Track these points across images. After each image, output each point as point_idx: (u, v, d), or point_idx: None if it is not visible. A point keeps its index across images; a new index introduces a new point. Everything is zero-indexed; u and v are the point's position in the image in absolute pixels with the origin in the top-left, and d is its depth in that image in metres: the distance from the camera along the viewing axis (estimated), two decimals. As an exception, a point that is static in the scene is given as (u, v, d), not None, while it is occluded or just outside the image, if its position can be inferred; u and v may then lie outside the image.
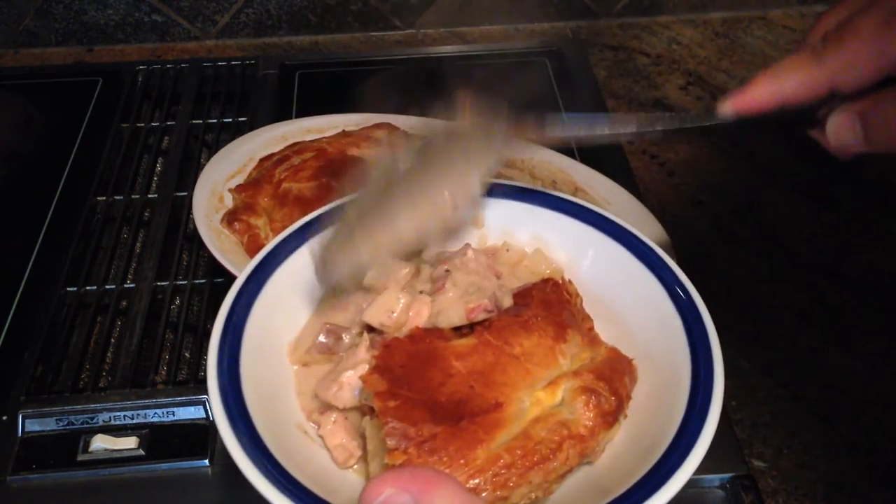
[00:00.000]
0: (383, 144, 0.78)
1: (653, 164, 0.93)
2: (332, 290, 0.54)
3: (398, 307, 0.51)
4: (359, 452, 0.48)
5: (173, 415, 0.65)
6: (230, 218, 0.68)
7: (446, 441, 0.43)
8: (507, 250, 0.58)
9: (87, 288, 0.75)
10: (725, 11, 1.17)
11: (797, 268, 0.81)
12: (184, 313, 0.73)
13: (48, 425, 0.64)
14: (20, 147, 0.92)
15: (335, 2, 1.12)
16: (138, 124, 0.94)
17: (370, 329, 0.52)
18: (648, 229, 0.70)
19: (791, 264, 0.81)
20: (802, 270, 0.80)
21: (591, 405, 0.46)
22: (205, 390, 0.65)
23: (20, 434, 0.64)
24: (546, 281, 0.54)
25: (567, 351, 0.50)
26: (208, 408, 0.65)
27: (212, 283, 0.75)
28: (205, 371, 0.68)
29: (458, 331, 0.50)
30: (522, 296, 0.52)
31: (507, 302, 0.52)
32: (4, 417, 0.65)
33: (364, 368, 0.48)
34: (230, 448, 0.42)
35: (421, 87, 0.98)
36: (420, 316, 0.50)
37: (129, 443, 0.63)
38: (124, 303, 0.74)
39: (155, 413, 0.65)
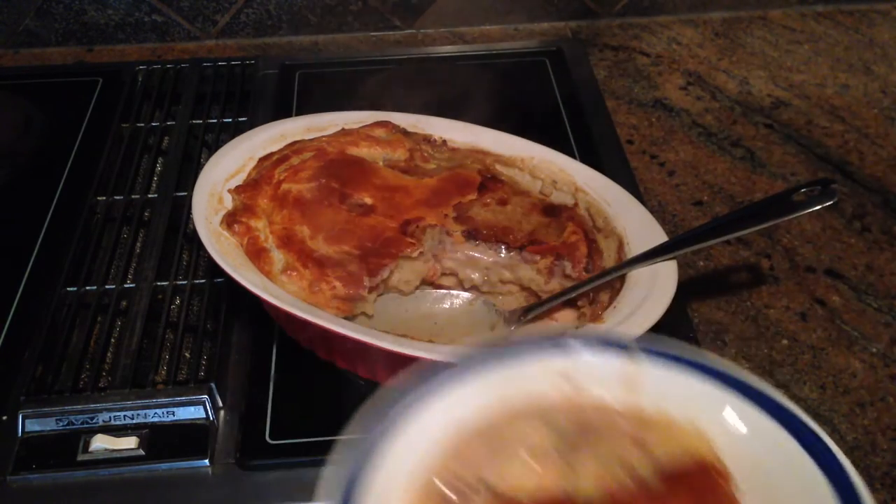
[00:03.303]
0: (383, 143, 0.78)
1: (653, 164, 0.93)
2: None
3: (525, 470, 0.46)
4: None
5: (173, 415, 0.65)
6: (229, 220, 0.68)
7: None
8: (659, 419, 0.52)
9: (87, 288, 0.75)
10: (725, 11, 1.17)
11: (797, 268, 0.81)
12: (184, 313, 0.73)
13: (48, 425, 0.64)
14: (20, 147, 0.92)
15: (335, 2, 1.12)
16: (138, 124, 0.94)
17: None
18: (648, 229, 0.70)
19: (791, 264, 0.81)
20: (802, 270, 0.81)
21: None
22: (204, 390, 0.65)
23: (20, 434, 0.64)
24: (698, 462, 0.48)
25: None
26: (207, 407, 0.65)
27: (212, 284, 0.75)
28: (204, 371, 0.69)
29: None
30: (670, 477, 0.47)
31: (652, 481, 0.46)
32: (4, 417, 0.65)
33: None
34: None
35: (421, 86, 0.99)
36: (552, 483, 0.46)
37: (129, 443, 0.63)
38: (124, 303, 0.74)
39: (155, 413, 0.65)
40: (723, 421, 0.51)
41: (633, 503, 0.45)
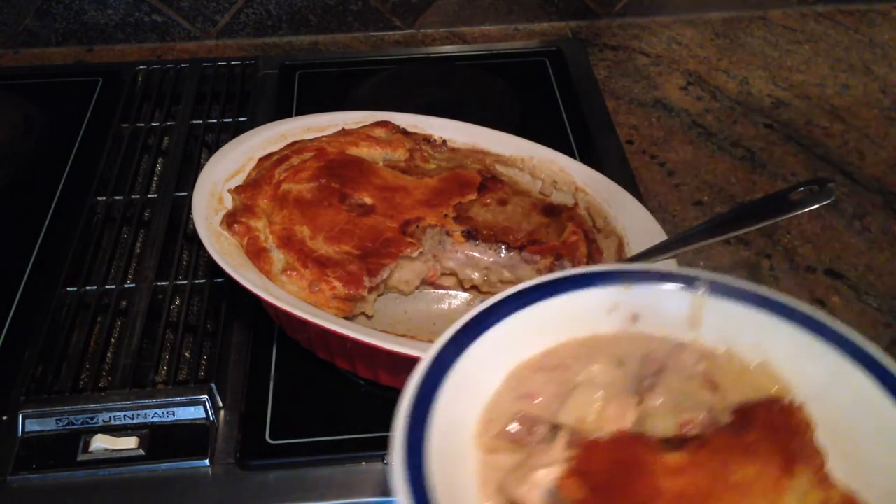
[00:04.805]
0: (383, 143, 0.78)
1: (653, 164, 0.93)
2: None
3: (596, 406, 0.46)
4: None
5: (173, 415, 0.65)
6: (229, 220, 0.68)
7: None
8: (729, 360, 0.50)
9: (87, 288, 0.75)
10: (725, 11, 1.17)
11: (797, 268, 0.81)
12: (184, 313, 0.73)
13: (48, 425, 0.64)
14: (20, 147, 0.92)
15: (335, 2, 1.12)
16: (138, 124, 0.94)
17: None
18: (648, 229, 0.70)
19: (791, 264, 0.81)
20: (802, 270, 0.80)
21: None
22: (204, 390, 0.65)
23: (20, 434, 0.64)
24: (774, 401, 0.46)
25: (794, 488, 0.42)
26: (207, 407, 0.65)
27: (212, 284, 0.75)
28: (204, 371, 0.69)
29: (666, 442, 0.44)
30: (744, 414, 0.45)
31: (725, 419, 0.45)
32: (4, 417, 0.65)
33: (559, 469, 0.43)
34: None
35: (421, 86, 0.99)
36: (624, 419, 0.45)
37: (129, 443, 0.63)
38: (124, 303, 0.74)
39: (155, 413, 0.65)
40: (795, 361, 0.49)
41: (709, 440, 0.43)
